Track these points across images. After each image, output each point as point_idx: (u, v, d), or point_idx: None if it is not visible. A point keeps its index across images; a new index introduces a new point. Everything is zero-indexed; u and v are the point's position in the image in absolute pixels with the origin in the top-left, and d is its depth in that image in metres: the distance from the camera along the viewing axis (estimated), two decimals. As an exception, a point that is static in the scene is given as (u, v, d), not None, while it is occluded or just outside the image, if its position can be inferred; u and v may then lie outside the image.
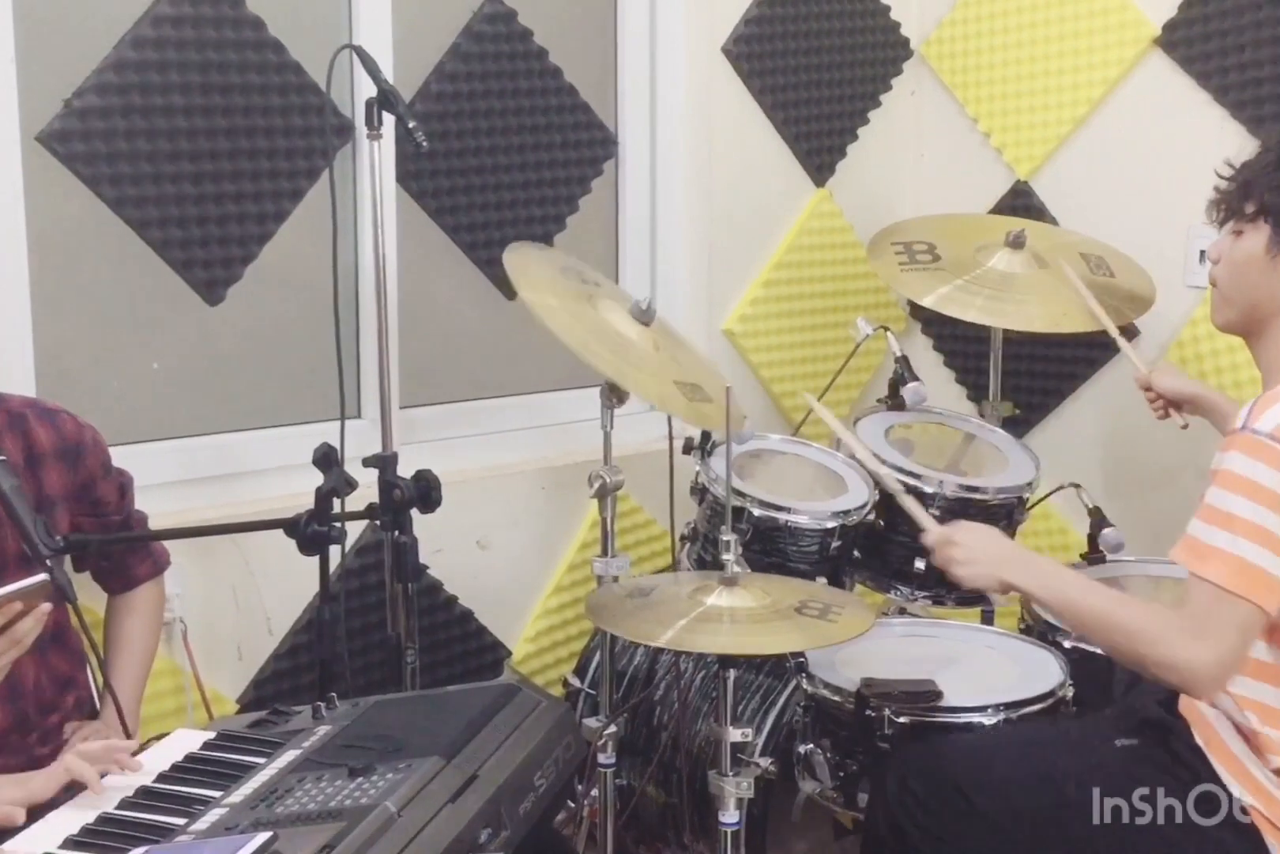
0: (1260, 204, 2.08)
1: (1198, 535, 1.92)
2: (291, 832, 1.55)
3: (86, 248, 2.50)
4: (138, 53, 2.45)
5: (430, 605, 2.84)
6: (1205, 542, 1.90)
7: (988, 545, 2.10)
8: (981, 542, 2.11)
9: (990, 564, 2.06)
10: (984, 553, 2.08)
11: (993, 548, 2.10)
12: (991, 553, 2.08)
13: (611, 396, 2.54)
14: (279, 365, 2.75)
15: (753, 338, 3.36)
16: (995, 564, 2.06)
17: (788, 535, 2.64)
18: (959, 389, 3.55)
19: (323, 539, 2.28)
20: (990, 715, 2.28)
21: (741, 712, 2.55)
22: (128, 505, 2.28)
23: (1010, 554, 2.10)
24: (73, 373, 2.50)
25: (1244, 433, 1.92)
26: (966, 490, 2.72)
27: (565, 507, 3.05)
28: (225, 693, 2.63)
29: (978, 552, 2.08)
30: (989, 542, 2.12)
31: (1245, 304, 2.12)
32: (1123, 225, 3.14)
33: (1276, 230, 2.06)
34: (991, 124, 3.42)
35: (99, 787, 1.73)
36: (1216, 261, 2.16)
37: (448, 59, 2.86)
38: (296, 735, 1.87)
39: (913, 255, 2.99)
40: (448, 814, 1.63)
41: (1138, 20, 3.15)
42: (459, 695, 2.09)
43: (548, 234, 3.08)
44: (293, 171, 2.67)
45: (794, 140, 3.37)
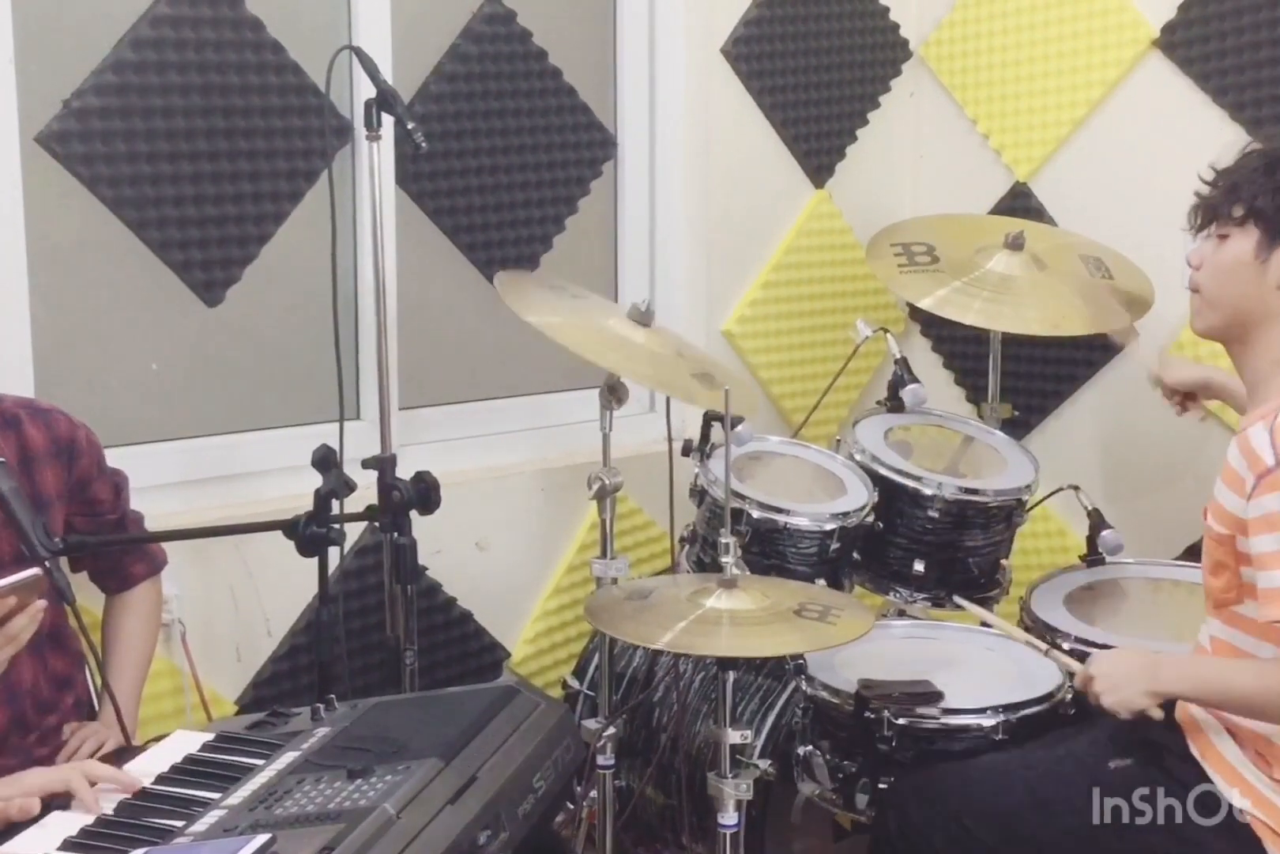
0: (1249, 207, 2.06)
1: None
2: (290, 833, 1.55)
3: (85, 249, 2.49)
4: (137, 53, 2.45)
5: (429, 607, 2.84)
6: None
7: (1118, 667, 2.10)
8: (1113, 666, 2.11)
9: (1130, 685, 2.07)
10: (1120, 677, 2.08)
11: (1123, 668, 2.10)
12: (1124, 674, 2.09)
13: (610, 398, 2.54)
14: (278, 367, 2.75)
15: (752, 339, 3.36)
16: (1134, 683, 2.07)
17: (787, 537, 2.64)
18: (958, 391, 3.55)
19: (322, 540, 2.27)
20: (989, 717, 2.28)
21: (741, 713, 2.55)
22: (123, 504, 2.28)
23: (1142, 668, 2.09)
24: (71, 374, 2.49)
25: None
26: (965, 492, 2.72)
27: (564, 508, 3.05)
28: (224, 694, 2.63)
29: (1116, 678, 2.09)
30: (1119, 663, 2.12)
31: (1231, 310, 2.10)
32: (1122, 227, 3.14)
33: (1266, 234, 2.05)
34: (991, 125, 3.42)
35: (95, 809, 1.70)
36: (1198, 267, 2.13)
37: (447, 60, 2.87)
38: (295, 737, 1.87)
39: (912, 257, 2.98)
40: (447, 816, 1.62)
41: (1136, 22, 3.15)
42: (458, 697, 2.09)
43: (546, 235, 3.08)
44: (292, 172, 2.66)
45: (793, 141, 3.37)
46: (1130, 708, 2.07)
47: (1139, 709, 2.06)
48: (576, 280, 3.13)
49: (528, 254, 3.06)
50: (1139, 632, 2.54)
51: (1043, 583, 2.76)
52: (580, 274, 3.19)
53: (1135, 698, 2.06)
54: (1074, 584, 2.74)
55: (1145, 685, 2.06)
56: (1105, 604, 2.70)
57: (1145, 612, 2.74)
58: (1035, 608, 2.64)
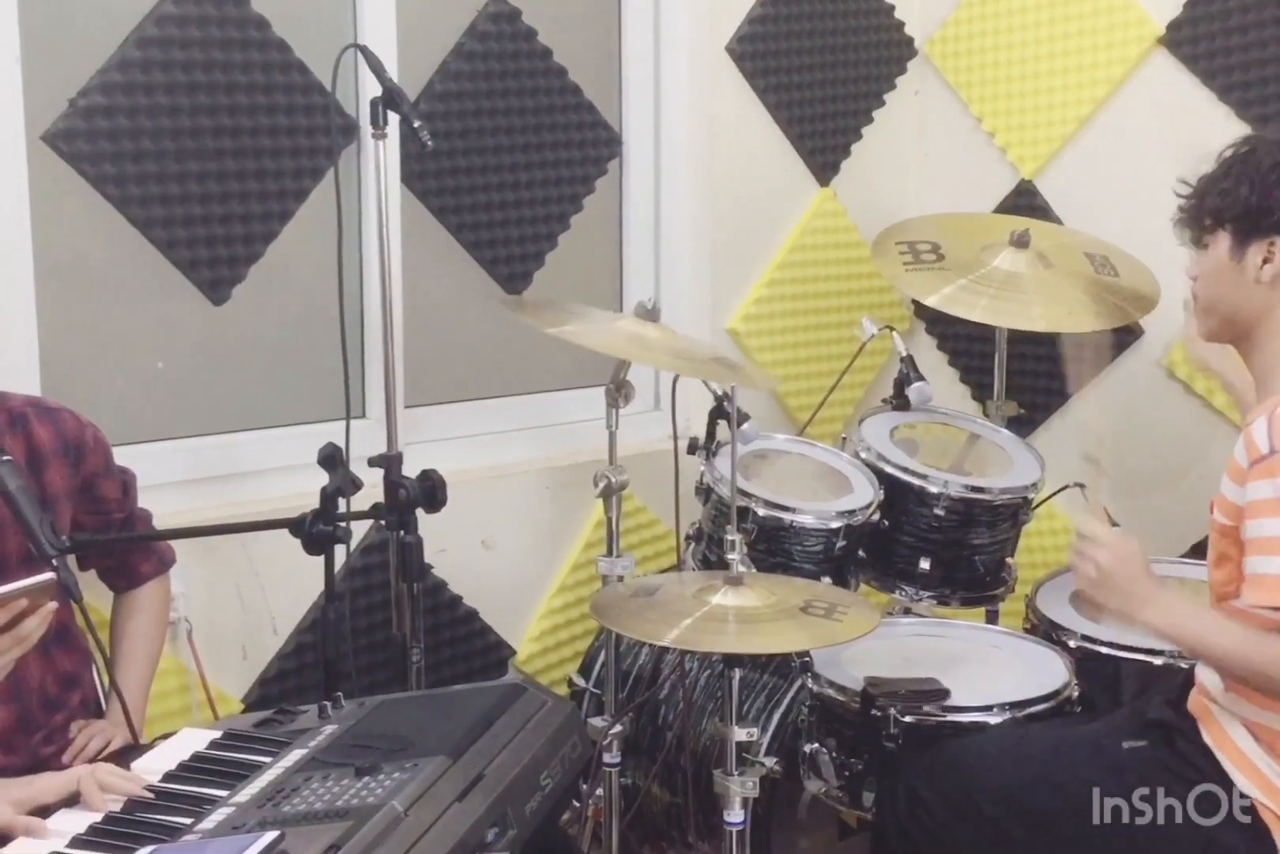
0: (1213, 214, 2.09)
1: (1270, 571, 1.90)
2: (298, 831, 1.55)
3: (91, 248, 2.50)
4: (142, 52, 2.45)
5: (434, 605, 2.84)
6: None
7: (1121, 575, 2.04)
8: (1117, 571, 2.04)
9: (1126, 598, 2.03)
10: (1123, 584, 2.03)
11: (1124, 576, 2.04)
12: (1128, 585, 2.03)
13: (617, 396, 2.54)
14: (284, 365, 2.75)
15: (756, 337, 3.36)
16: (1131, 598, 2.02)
17: (793, 535, 2.64)
18: (963, 389, 3.55)
19: (328, 539, 2.27)
20: (996, 715, 2.28)
21: (746, 711, 2.55)
22: (130, 503, 2.28)
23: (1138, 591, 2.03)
24: (78, 372, 2.50)
25: (1276, 456, 1.91)
26: (971, 490, 2.72)
27: (570, 506, 3.06)
28: (230, 692, 2.63)
29: (1113, 580, 2.03)
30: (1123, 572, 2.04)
31: (1223, 312, 2.12)
32: (1127, 224, 3.13)
33: (1234, 235, 2.07)
34: (995, 123, 3.42)
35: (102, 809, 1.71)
36: (1194, 279, 2.17)
37: (452, 58, 2.87)
38: (303, 735, 1.88)
39: (917, 255, 2.98)
40: (454, 813, 1.63)
41: (1141, 19, 3.15)
42: (465, 695, 2.09)
43: (551, 233, 3.08)
44: (297, 171, 2.66)
45: (798, 139, 3.37)
46: (1108, 613, 2.06)
47: (1114, 619, 2.07)
48: (581, 278, 3.16)
49: (532, 252, 3.06)
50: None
51: (1049, 581, 2.76)
52: (585, 273, 3.20)
53: (1109, 609, 2.05)
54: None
55: (1131, 606, 2.02)
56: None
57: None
58: (1041, 606, 2.64)
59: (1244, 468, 1.97)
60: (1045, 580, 2.76)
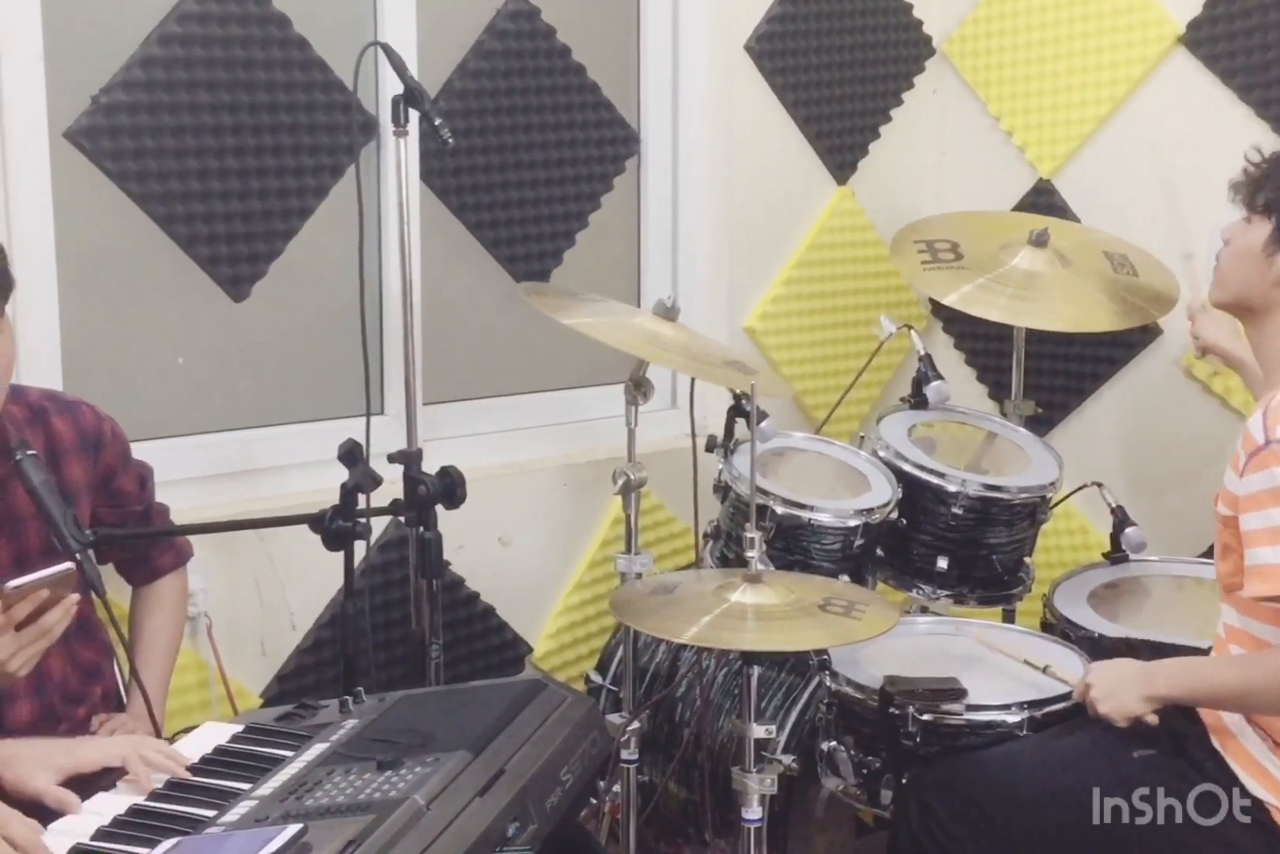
0: (1268, 199, 2.10)
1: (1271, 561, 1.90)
2: (321, 824, 1.56)
3: (113, 244, 2.51)
4: (164, 50, 2.46)
5: (452, 602, 2.84)
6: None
7: (1112, 675, 2.13)
8: (1107, 674, 2.14)
9: (1125, 691, 2.09)
10: (1115, 684, 2.10)
11: (1117, 675, 2.13)
12: (1119, 680, 2.11)
13: (636, 393, 2.55)
14: (304, 361, 2.76)
15: (774, 336, 3.36)
16: (1128, 689, 2.08)
17: (810, 533, 2.63)
18: (980, 388, 3.54)
19: (347, 535, 2.28)
20: (1014, 714, 2.27)
21: (764, 708, 2.55)
22: (148, 496, 2.29)
23: (1135, 674, 2.12)
24: (99, 368, 2.51)
25: (1272, 447, 1.92)
26: (989, 489, 2.72)
27: (587, 504, 3.06)
28: (249, 687, 2.64)
29: (1111, 685, 2.11)
30: (1112, 672, 2.15)
31: (1236, 293, 2.15)
32: (1146, 224, 3.13)
33: (1276, 229, 2.08)
34: (1014, 122, 3.42)
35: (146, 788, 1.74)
36: (1227, 242, 2.18)
37: (471, 57, 2.87)
38: (324, 729, 1.88)
39: (935, 253, 2.98)
40: (476, 808, 1.63)
41: (1161, 18, 3.15)
42: (485, 690, 2.10)
43: (569, 231, 3.09)
44: (318, 168, 2.67)
45: (815, 138, 3.37)
46: (1126, 714, 2.08)
47: (1135, 715, 2.08)
48: (599, 276, 3.16)
49: (551, 250, 3.06)
50: (1162, 629, 2.54)
51: (1066, 580, 2.76)
52: (603, 270, 3.20)
53: (1130, 704, 2.08)
54: (1097, 582, 2.74)
55: (1139, 691, 2.08)
56: (1128, 602, 2.70)
57: (1168, 609, 2.74)
58: (1059, 605, 2.64)
59: (1242, 460, 1.97)
60: (1062, 580, 2.76)
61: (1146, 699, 2.07)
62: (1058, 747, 2.18)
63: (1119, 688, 2.09)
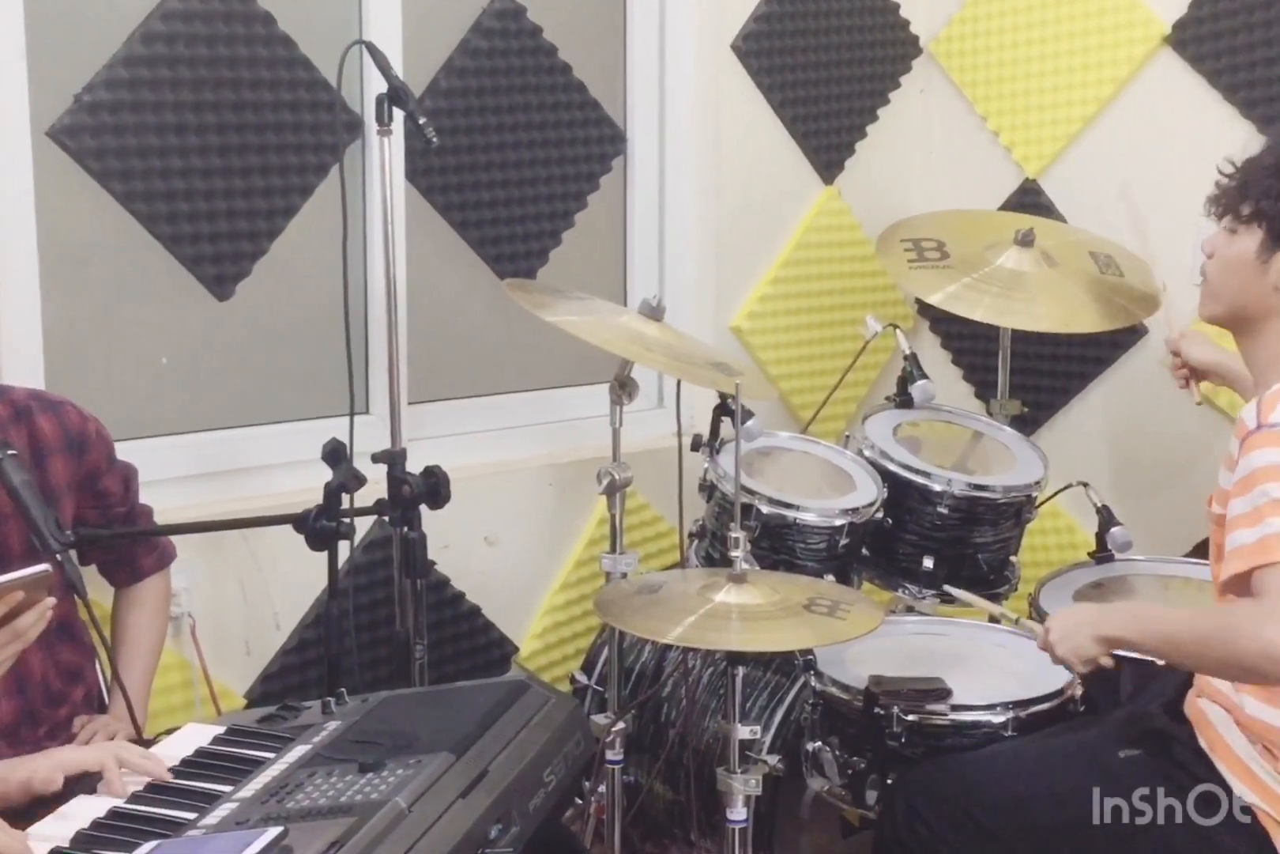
0: (1255, 207, 2.08)
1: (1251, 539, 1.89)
2: (302, 826, 1.55)
3: (96, 243, 2.50)
4: (148, 48, 2.45)
5: (437, 602, 2.83)
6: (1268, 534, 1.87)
7: (1068, 618, 2.13)
8: (1064, 618, 2.14)
9: (1080, 631, 2.08)
10: (1071, 625, 2.10)
11: (1072, 617, 2.13)
12: (1075, 622, 2.10)
13: (621, 393, 2.54)
14: (288, 361, 2.76)
15: (761, 335, 3.35)
16: (1083, 629, 2.08)
17: (796, 533, 2.63)
18: (967, 387, 3.55)
19: (331, 534, 2.28)
20: (999, 714, 2.28)
21: (749, 709, 2.55)
22: (132, 497, 2.28)
23: (1090, 615, 2.12)
24: (81, 367, 2.50)
25: (1263, 431, 1.92)
26: (975, 489, 2.72)
27: (573, 503, 3.06)
28: (233, 688, 2.63)
29: (1068, 627, 2.10)
30: (1069, 614, 2.15)
31: (1232, 304, 2.13)
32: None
33: (1269, 236, 2.06)
34: (1001, 122, 3.42)
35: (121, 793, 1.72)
36: (1210, 256, 2.16)
37: (457, 55, 2.86)
38: (306, 730, 1.87)
39: (921, 253, 2.98)
40: (458, 810, 1.62)
41: (1147, 19, 3.15)
42: (469, 691, 2.09)
43: (555, 231, 3.08)
44: (302, 167, 2.67)
45: (802, 138, 3.37)
46: (1081, 655, 2.07)
47: (1090, 657, 2.07)
48: (585, 276, 3.16)
49: (536, 249, 3.06)
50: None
51: (1052, 580, 2.76)
52: (589, 270, 3.20)
53: (1085, 644, 2.06)
54: (1083, 581, 2.74)
55: (1093, 631, 2.06)
56: (1114, 601, 2.70)
57: (1155, 609, 2.74)
58: (1044, 604, 2.63)
59: (1235, 455, 1.97)
60: (1048, 579, 2.76)
61: (1100, 640, 2.06)
62: (1042, 748, 2.18)
63: (1074, 630, 2.08)
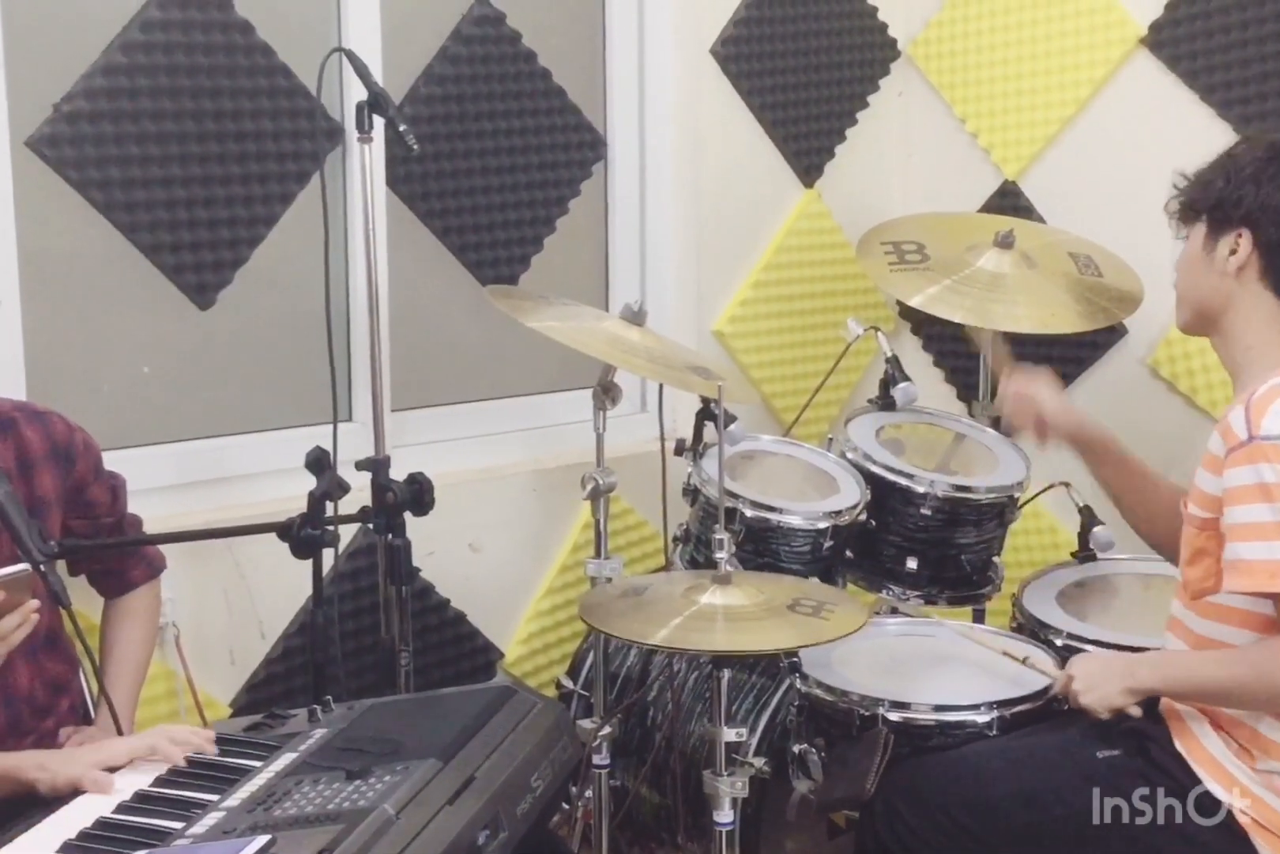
0: (1192, 205, 2.14)
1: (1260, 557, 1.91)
2: (290, 835, 1.55)
3: (76, 252, 2.49)
4: (127, 57, 2.45)
5: (422, 608, 2.83)
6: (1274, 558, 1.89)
7: (1093, 668, 2.15)
8: (1089, 666, 2.16)
9: (1108, 683, 2.10)
10: (1098, 676, 2.12)
11: (1100, 667, 2.15)
12: (1101, 672, 2.13)
13: (604, 398, 2.55)
14: (270, 369, 2.75)
15: (743, 339, 3.36)
16: (1111, 681, 2.10)
17: (780, 536, 2.64)
18: (949, 389, 3.56)
19: (315, 542, 2.27)
20: (983, 713, 2.28)
21: (735, 711, 2.55)
22: (120, 507, 2.28)
23: (1117, 666, 2.14)
24: (64, 377, 2.49)
25: (1255, 443, 1.92)
26: (958, 490, 2.72)
27: (557, 509, 3.06)
28: (218, 697, 2.63)
29: (1094, 677, 2.12)
30: (1093, 663, 2.18)
31: (1195, 303, 2.17)
32: (1111, 224, 3.15)
33: (1208, 226, 2.11)
34: (979, 124, 3.43)
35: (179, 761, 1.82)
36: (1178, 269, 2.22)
37: (437, 62, 2.87)
38: (293, 739, 1.88)
39: (902, 255, 2.99)
40: (446, 816, 1.63)
41: (1124, 20, 3.17)
42: (455, 697, 2.10)
43: (537, 236, 3.08)
44: (283, 175, 2.66)
45: (782, 141, 3.38)
46: (1108, 706, 2.10)
47: (1117, 707, 2.09)
48: (567, 281, 3.16)
49: (518, 255, 3.06)
50: (1131, 628, 2.55)
51: (1035, 580, 2.77)
52: (571, 275, 3.20)
53: (1113, 695, 2.09)
54: (1066, 581, 2.75)
55: (1122, 683, 2.09)
56: (1097, 600, 2.71)
57: (1137, 608, 2.75)
58: (1028, 604, 2.65)
59: (1220, 457, 1.98)
60: (1032, 579, 2.77)
61: (1129, 691, 2.08)
62: (1020, 748, 2.19)
63: (1102, 680, 2.10)
